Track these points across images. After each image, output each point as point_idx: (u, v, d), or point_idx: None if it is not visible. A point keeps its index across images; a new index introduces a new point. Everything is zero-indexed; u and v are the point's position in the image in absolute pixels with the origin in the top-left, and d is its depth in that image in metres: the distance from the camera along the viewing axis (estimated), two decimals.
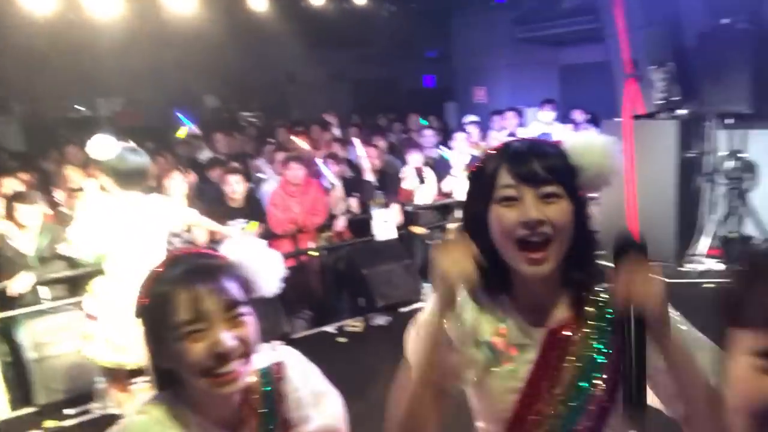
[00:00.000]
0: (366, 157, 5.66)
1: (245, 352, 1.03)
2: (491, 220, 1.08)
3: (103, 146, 2.64)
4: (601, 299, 1.14)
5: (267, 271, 1.12)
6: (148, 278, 1.06)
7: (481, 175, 1.12)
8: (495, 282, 1.13)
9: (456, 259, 1.06)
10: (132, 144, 2.81)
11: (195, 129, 7.45)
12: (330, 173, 5.35)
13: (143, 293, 1.06)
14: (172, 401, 1.06)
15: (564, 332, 1.13)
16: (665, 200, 5.42)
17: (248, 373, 1.06)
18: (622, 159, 1.15)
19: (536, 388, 1.12)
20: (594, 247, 1.14)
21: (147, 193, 2.84)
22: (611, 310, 1.11)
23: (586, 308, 1.13)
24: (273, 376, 1.16)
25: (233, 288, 1.03)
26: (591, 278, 1.13)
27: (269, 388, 1.14)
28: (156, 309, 1.01)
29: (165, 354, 1.02)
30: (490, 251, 1.10)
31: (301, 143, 5.93)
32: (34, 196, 4.23)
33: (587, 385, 1.11)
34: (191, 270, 1.02)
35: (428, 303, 1.17)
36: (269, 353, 1.18)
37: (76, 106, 10.42)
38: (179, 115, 4.72)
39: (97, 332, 2.74)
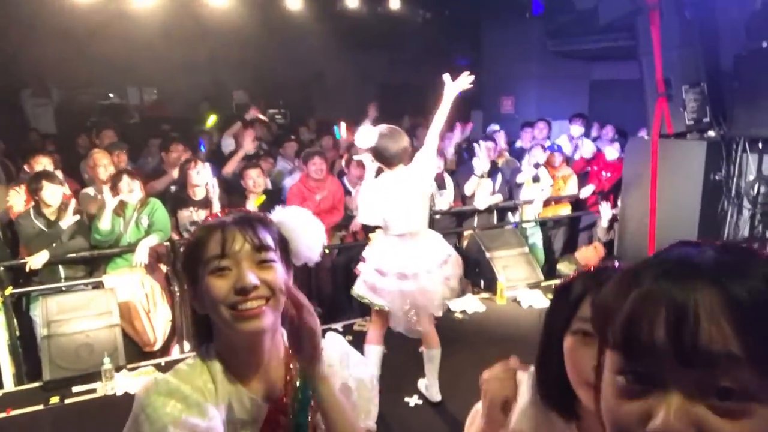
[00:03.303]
0: None
1: (270, 296, 1.04)
2: (565, 350, 1.06)
3: (366, 136, 3.26)
4: None
5: (306, 235, 1.16)
6: (193, 230, 1.11)
7: (562, 302, 1.09)
8: (563, 410, 1.10)
9: (499, 376, 1.09)
10: (389, 129, 3.28)
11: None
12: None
13: (186, 243, 1.11)
14: (206, 356, 1.09)
15: None
16: (688, 222, 5.30)
17: (273, 317, 1.06)
18: None
19: None
20: None
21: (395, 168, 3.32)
22: None
23: None
24: None
25: (265, 235, 1.07)
26: None
27: None
28: (192, 250, 1.07)
29: (198, 295, 1.06)
30: (561, 378, 1.07)
31: (344, 131, 6.07)
32: (58, 177, 4.32)
33: None
34: (229, 218, 1.08)
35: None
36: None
37: (110, 95, 10.66)
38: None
39: (363, 272, 3.40)
